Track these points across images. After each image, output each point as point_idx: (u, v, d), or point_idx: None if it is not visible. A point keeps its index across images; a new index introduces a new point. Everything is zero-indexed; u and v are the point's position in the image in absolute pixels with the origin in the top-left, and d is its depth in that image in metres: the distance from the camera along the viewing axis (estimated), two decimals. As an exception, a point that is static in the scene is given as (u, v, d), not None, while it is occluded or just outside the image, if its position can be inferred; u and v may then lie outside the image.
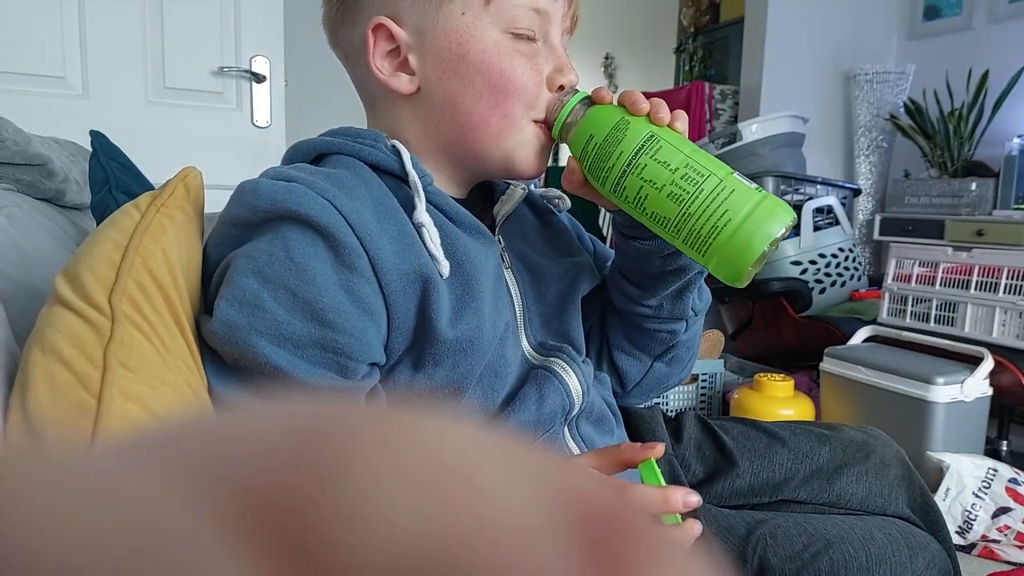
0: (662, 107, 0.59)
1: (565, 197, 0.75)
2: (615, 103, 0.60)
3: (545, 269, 0.70)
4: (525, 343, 0.67)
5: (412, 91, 0.61)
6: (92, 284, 0.47)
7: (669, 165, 0.55)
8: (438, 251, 0.55)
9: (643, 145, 0.56)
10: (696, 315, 0.75)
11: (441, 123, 0.61)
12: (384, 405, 0.56)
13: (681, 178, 0.55)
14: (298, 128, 2.37)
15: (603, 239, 3.79)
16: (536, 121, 0.61)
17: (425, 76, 0.60)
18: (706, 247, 0.55)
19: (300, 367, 0.51)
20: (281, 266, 0.50)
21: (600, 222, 3.89)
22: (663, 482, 0.50)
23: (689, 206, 0.55)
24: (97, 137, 0.91)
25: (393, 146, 0.60)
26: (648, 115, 0.58)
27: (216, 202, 1.84)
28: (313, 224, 0.51)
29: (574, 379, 0.66)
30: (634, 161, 0.56)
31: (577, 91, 0.62)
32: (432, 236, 0.55)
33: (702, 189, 0.54)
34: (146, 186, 0.93)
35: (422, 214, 0.56)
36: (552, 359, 0.67)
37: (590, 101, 0.61)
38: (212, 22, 1.79)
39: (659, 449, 0.50)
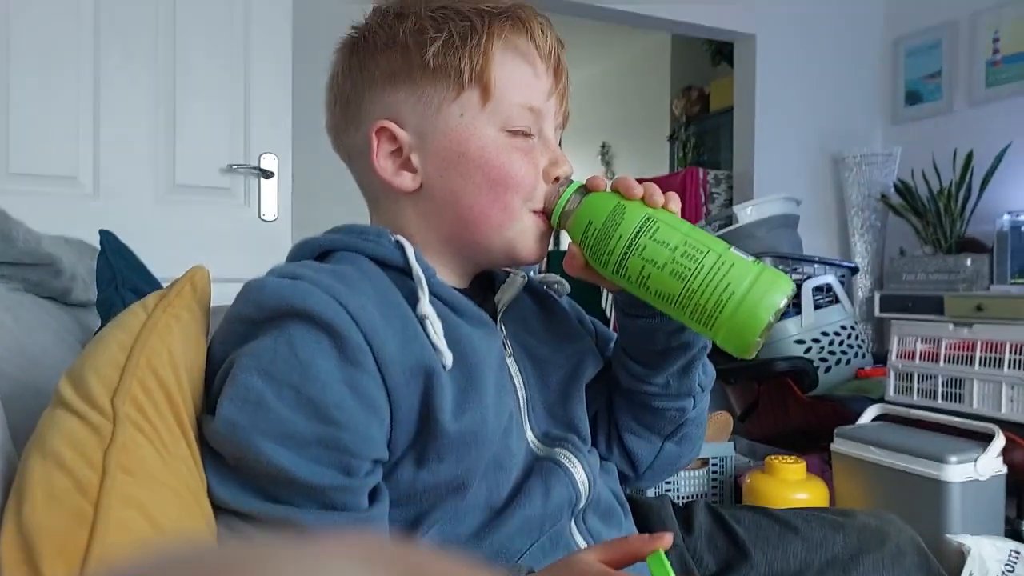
0: (655, 190, 0.62)
1: (564, 282, 0.77)
2: (609, 190, 0.63)
3: (548, 356, 0.70)
4: (529, 433, 0.66)
5: (415, 188, 0.63)
6: (96, 386, 0.47)
7: (668, 244, 0.58)
8: (441, 342, 0.56)
9: (641, 227, 0.59)
10: (703, 391, 0.75)
11: (444, 217, 0.64)
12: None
13: (681, 256, 0.57)
14: (305, 222, 2.41)
15: (606, 321, 3.79)
16: (535, 211, 0.64)
17: (427, 174, 0.63)
18: (713, 321, 0.57)
19: (303, 466, 0.50)
20: (285, 364, 0.51)
21: (603, 304, 3.91)
22: (673, 574, 0.49)
23: (692, 282, 0.57)
24: (106, 236, 0.93)
25: (397, 241, 0.61)
26: (643, 198, 0.61)
27: (224, 296, 1.86)
28: (318, 321, 0.51)
29: (580, 470, 0.65)
30: (634, 243, 0.58)
31: (572, 181, 0.64)
32: (435, 328, 0.56)
33: (703, 265, 0.56)
34: (153, 283, 0.94)
35: (425, 306, 0.57)
36: (557, 449, 0.66)
37: (585, 189, 0.63)
38: (222, 121, 1.85)
39: (667, 540, 0.49)
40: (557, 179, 0.64)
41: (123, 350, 0.50)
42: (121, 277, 0.92)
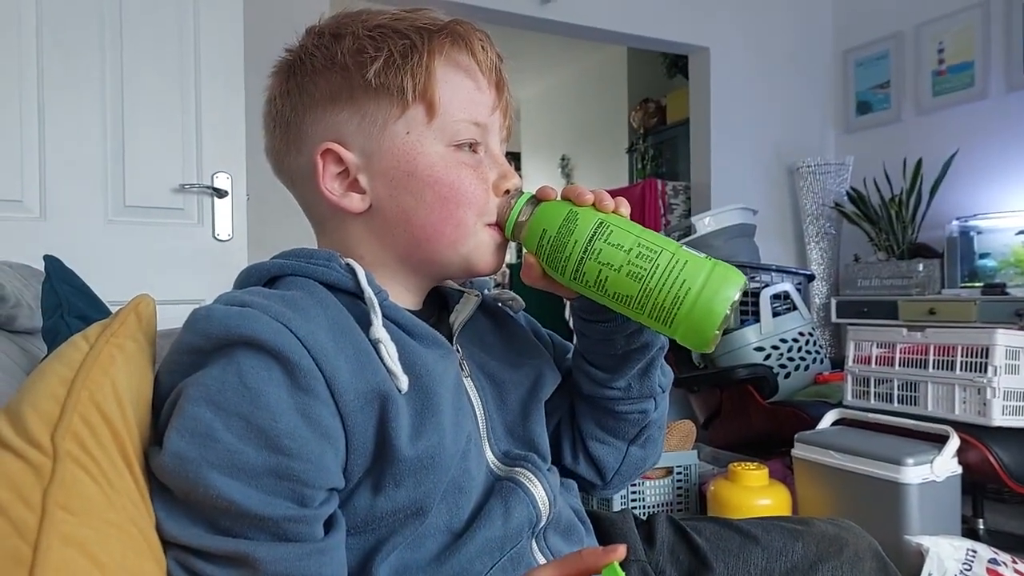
0: (605, 196, 0.62)
1: (519, 298, 0.76)
2: (559, 198, 0.63)
3: (505, 375, 0.69)
4: (489, 453, 0.66)
5: (364, 209, 0.63)
6: (34, 422, 0.45)
7: (623, 246, 0.58)
8: (396, 366, 0.55)
9: (595, 231, 0.59)
10: (663, 391, 0.75)
11: (396, 236, 0.63)
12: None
13: (636, 256, 0.58)
14: (261, 241, 2.38)
15: (569, 331, 3.81)
16: (488, 224, 0.64)
17: (376, 194, 0.62)
18: (671, 318, 0.58)
19: (255, 498, 0.49)
20: (234, 393, 0.49)
21: (567, 315, 3.93)
22: None
23: (649, 281, 0.57)
24: (51, 261, 0.91)
25: (347, 264, 0.60)
26: (594, 204, 0.62)
27: (179, 319, 1.82)
28: (267, 348, 0.50)
29: (540, 489, 0.65)
30: (589, 247, 0.59)
31: (523, 192, 0.64)
32: (389, 351, 0.55)
33: (658, 264, 0.57)
34: (100, 308, 0.92)
35: (379, 330, 0.56)
36: (518, 469, 0.65)
37: (536, 200, 0.63)
38: (174, 141, 1.82)
39: (620, 551, 0.49)
40: (507, 192, 0.64)
41: (63, 384, 0.48)
42: (67, 303, 0.89)
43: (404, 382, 0.55)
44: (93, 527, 0.43)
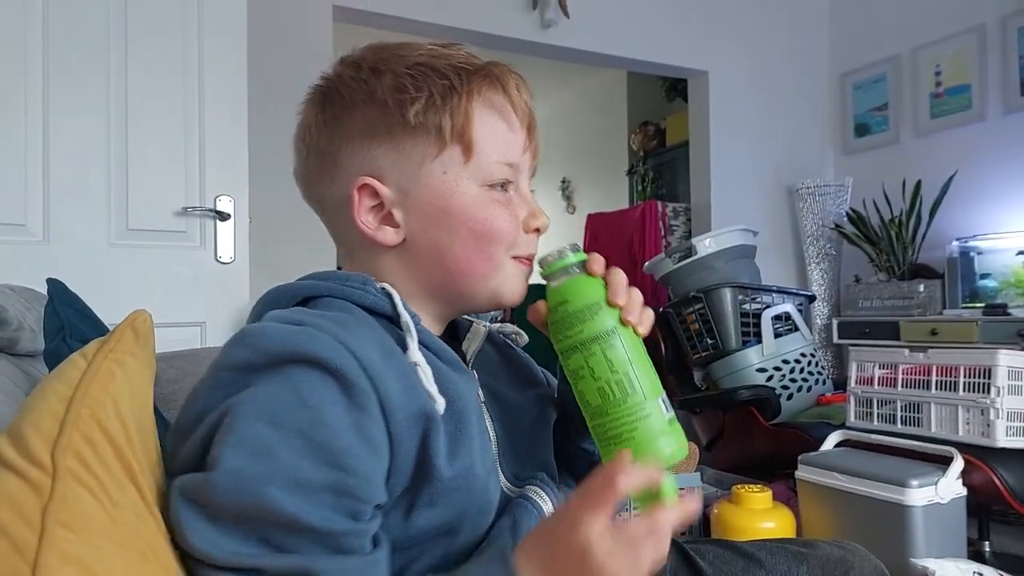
0: (635, 307, 0.62)
1: (523, 333, 0.78)
2: (601, 274, 0.63)
3: (515, 402, 0.70)
4: (502, 476, 0.66)
5: (397, 243, 0.64)
6: (34, 440, 0.45)
7: (612, 366, 0.60)
8: (434, 388, 0.56)
9: (601, 336, 0.60)
10: None
11: (427, 269, 0.64)
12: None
13: (615, 383, 0.59)
14: (263, 263, 2.39)
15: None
16: (515, 257, 0.66)
17: (410, 228, 0.63)
18: (605, 444, 0.60)
19: (315, 513, 0.49)
20: (293, 410, 0.50)
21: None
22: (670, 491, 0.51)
23: (610, 407, 0.60)
24: (53, 284, 0.91)
25: (383, 288, 0.62)
26: (620, 309, 0.62)
27: (182, 341, 1.83)
28: (326, 366, 0.51)
29: (549, 504, 0.65)
30: (588, 344, 0.60)
31: (578, 250, 0.65)
32: (427, 374, 0.56)
33: (626, 402, 0.59)
34: (103, 332, 0.92)
35: (415, 353, 0.57)
36: (528, 487, 0.66)
37: (583, 265, 0.64)
38: (177, 165, 1.84)
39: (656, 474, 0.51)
40: (537, 231, 0.66)
41: (63, 402, 0.48)
42: (69, 327, 0.89)
43: (441, 404, 0.56)
44: (94, 545, 0.43)
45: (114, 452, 0.49)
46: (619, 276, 0.63)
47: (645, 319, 0.63)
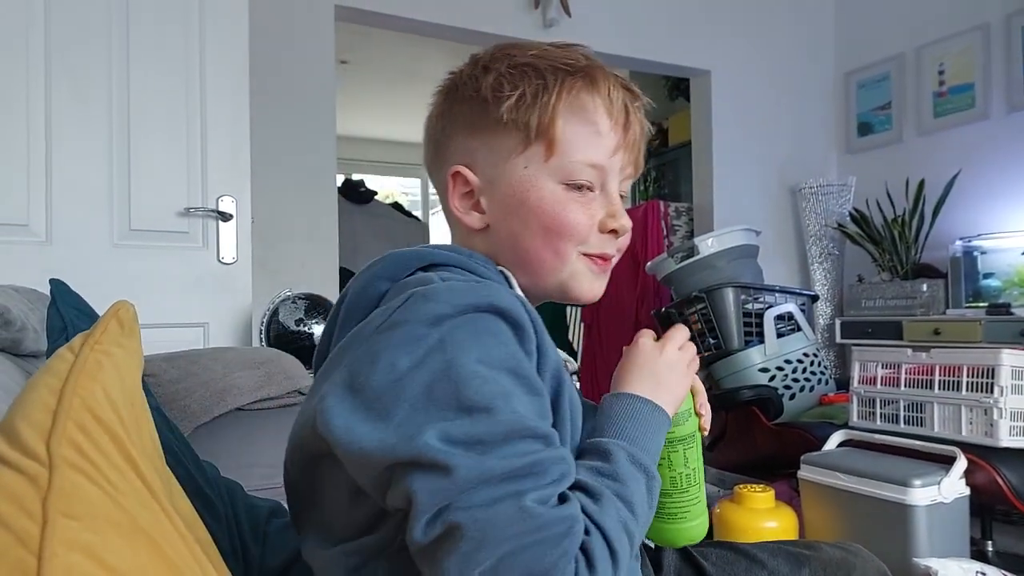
0: (709, 416, 0.74)
1: (572, 361, 0.81)
2: (694, 392, 0.73)
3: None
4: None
5: (481, 227, 0.69)
6: (28, 433, 0.46)
7: (687, 463, 0.71)
8: (562, 353, 0.63)
9: (686, 439, 0.71)
10: None
11: (505, 255, 0.69)
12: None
13: (684, 476, 0.71)
14: (264, 263, 2.39)
15: (573, 352, 3.81)
16: (586, 254, 0.69)
17: (493, 216, 0.69)
18: (661, 518, 0.71)
19: (540, 421, 0.55)
20: (496, 349, 0.55)
21: (570, 336, 3.92)
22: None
23: (675, 493, 0.71)
24: (56, 285, 0.91)
25: (501, 271, 0.68)
26: (700, 419, 0.73)
27: (183, 342, 1.83)
28: (508, 315, 0.56)
29: None
30: (673, 443, 0.71)
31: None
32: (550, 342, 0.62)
33: (689, 491, 0.71)
34: (104, 330, 0.92)
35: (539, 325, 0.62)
36: None
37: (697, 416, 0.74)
38: (179, 165, 1.84)
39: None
40: (613, 231, 0.69)
41: (53, 394, 0.48)
42: (72, 327, 0.89)
43: (573, 365, 0.61)
44: (97, 530, 0.43)
45: (110, 438, 0.49)
46: (701, 387, 0.73)
47: (707, 428, 0.74)
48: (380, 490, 0.54)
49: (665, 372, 0.67)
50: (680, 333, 0.71)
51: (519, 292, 0.65)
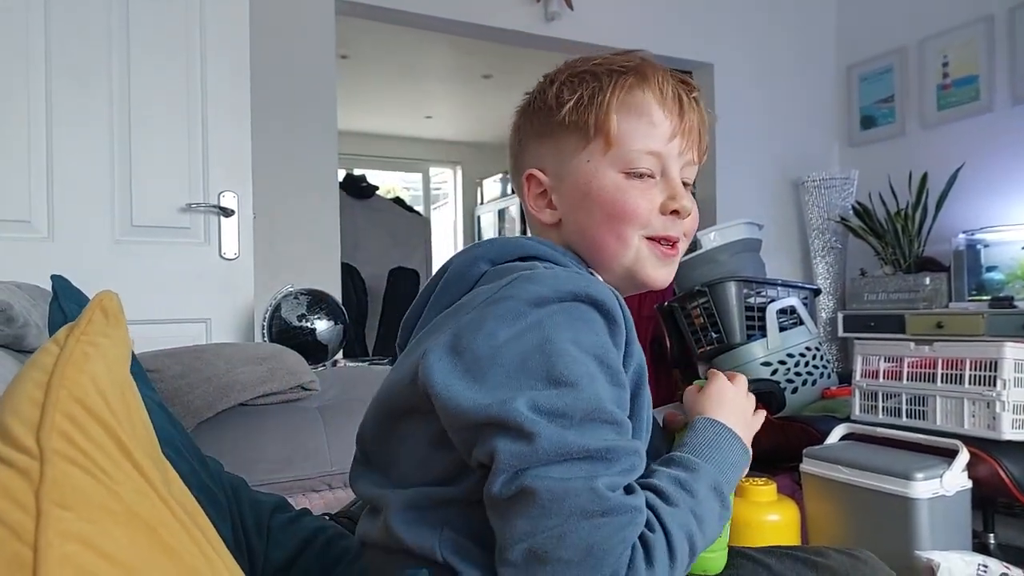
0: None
1: None
2: None
3: None
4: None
5: (555, 222, 0.75)
6: (16, 427, 0.46)
7: None
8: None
9: None
10: None
11: (578, 246, 0.74)
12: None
13: None
14: (267, 259, 2.40)
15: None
16: (648, 238, 0.72)
17: (564, 210, 0.74)
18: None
19: (616, 409, 0.58)
20: (587, 336, 0.59)
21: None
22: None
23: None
24: (58, 281, 0.92)
25: (591, 271, 0.72)
26: None
27: (186, 337, 1.83)
28: (601, 307, 0.60)
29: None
30: None
31: None
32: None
33: (724, 528, 0.70)
34: (107, 326, 0.92)
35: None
36: None
37: None
38: (181, 161, 1.84)
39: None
40: (675, 212, 0.72)
41: (40, 387, 0.48)
42: (73, 323, 0.89)
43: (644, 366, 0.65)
44: (94, 520, 0.43)
45: (102, 428, 0.49)
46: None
47: None
48: (467, 444, 0.58)
49: (748, 415, 0.73)
50: (744, 381, 0.75)
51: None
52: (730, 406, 0.71)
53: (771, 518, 1.68)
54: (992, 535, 1.73)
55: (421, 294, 0.74)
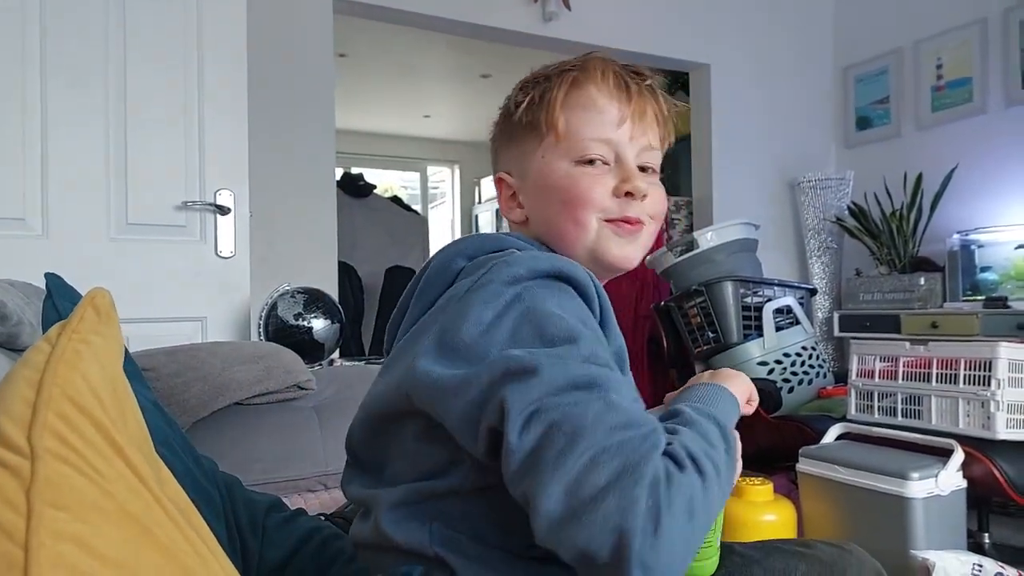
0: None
1: None
2: None
3: None
4: None
5: (524, 220, 0.78)
6: (7, 426, 0.45)
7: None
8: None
9: None
10: None
11: (545, 238, 0.77)
12: None
13: (716, 522, 0.74)
14: (263, 257, 2.39)
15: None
16: (608, 220, 0.74)
17: (529, 207, 0.78)
18: None
19: (604, 351, 0.60)
20: (570, 304, 0.61)
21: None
22: None
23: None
24: (52, 278, 0.91)
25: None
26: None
27: (181, 336, 1.82)
28: (578, 284, 0.63)
29: None
30: None
31: None
32: None
33: (713, 533, 0.74)
34: (102, 324, 0.92)
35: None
36: None
37: None
38: (177, 159, 1.84)
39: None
40: (628, 194, 0.74)
41: (32, 386, 0.48)
42: (65, 321, 0.89)
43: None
44: (86, 519, 0.43)
45: (94, 427, 0.49)
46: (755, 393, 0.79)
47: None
48: (472, 423, 0.57)
49: (743, 394, 0.73)
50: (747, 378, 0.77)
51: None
52: (725, 377, 0.73)
53: (767, 517, 1.69)
54: (987, 534, 1.74)
55: (405, 295, 0.75)
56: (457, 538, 0.61)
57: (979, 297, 2.75)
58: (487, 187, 6.71)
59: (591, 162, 0.74)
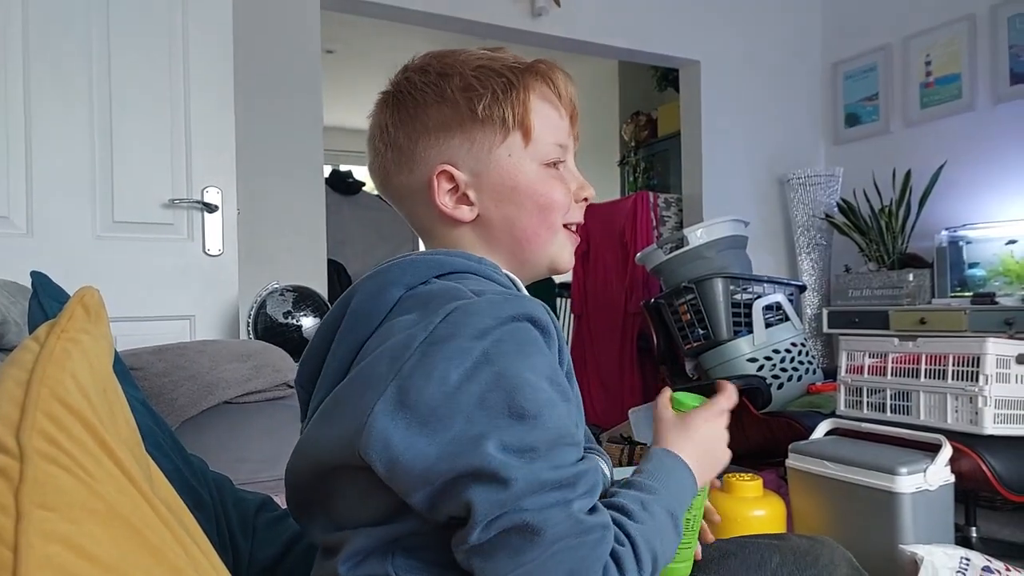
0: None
1: None
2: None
3: None
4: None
5: (472, 219, 0.74)
6: None
7: (692, 510, 0.73)
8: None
9: (703, 489, 0.75)
10: None
11: (501, 240, 0.75)
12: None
13: (694, 520, 0.74)
14: (252, 255, 2.38)
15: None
16: (565, 225, 0.76)
17: (484, 205, 0.74)
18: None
19: (576, 430, 0.60)
20: (537, 358, 0.60)
21: (558, 309, 3.93)
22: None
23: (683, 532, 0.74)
24: (37, 277, 0.90)
25: (507, 274, 0.73)
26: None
27: (169, 334, 1.80)
28: (539, 325, 0.61)
29: (604, 466, 0.72)
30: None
31: (703, 399, 0.79)
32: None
33: (693, 530, 0.75)
34: (89, 323, 0.91)
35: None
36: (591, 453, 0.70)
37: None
38: (163, 156, 1.82)
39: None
40: (586, 199, 0.77)
41: (20, 386, 0.47)
42: (54, 319, 0.88)
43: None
44: (75, 520, 0.42)
45: (83, 427, 0.49)
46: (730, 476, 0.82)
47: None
48: (431, 501, 0.56)
49: (718, 451, 0.74)
50: (730, 399, 0.77)
51: (524, 292, 0.71)
52: (696, 440, 0.72)
53: (757, 513, 1.69)
54: (974, 528, 1.75)
55: (318, 334, 0.69)
56: (420, 567, 0.61)
57: (967, 293, 2.77)
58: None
59: (554, 165, 0.74)
